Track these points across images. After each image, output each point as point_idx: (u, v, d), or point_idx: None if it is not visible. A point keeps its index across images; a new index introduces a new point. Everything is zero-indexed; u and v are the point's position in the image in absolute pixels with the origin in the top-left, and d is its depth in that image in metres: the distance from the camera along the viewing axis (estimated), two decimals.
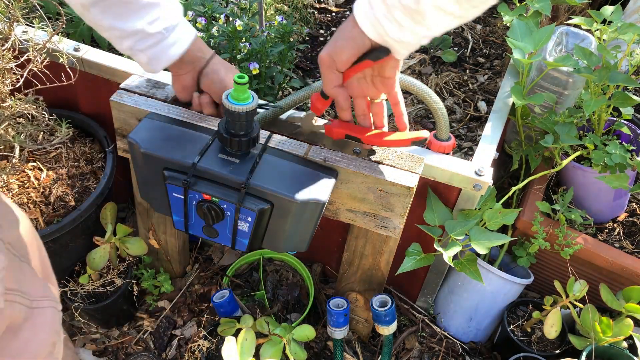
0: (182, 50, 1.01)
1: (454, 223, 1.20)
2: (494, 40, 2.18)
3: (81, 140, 1.49)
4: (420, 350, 1.49)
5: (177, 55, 1.01)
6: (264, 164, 1.00)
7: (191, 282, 1.57)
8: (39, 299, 0.68)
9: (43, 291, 0.70)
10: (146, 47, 0.98)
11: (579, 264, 1.42)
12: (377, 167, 1.06)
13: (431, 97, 1.14)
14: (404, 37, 0.83)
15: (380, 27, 0.84)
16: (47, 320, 0.69)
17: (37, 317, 0.66)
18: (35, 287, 0.67)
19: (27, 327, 0.63)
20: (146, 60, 1.00)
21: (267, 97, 1.54)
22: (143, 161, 1.03)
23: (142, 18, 0.94)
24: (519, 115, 1.43)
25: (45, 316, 0.69)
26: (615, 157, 1.31)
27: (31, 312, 0.65)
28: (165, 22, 0.97)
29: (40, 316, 0.67)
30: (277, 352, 1.25)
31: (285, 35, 1.55)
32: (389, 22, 0.83)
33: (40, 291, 0.70)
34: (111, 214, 1.37)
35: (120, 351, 1.47)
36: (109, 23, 0.93)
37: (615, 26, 1.32)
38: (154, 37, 0.97)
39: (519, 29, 1.34)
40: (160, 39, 0.98)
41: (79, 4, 0.91)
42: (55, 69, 1.34)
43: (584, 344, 1.31)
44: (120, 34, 0.95)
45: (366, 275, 1.32)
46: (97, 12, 0.92)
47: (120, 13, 0.92)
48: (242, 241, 1.04)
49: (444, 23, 0.81)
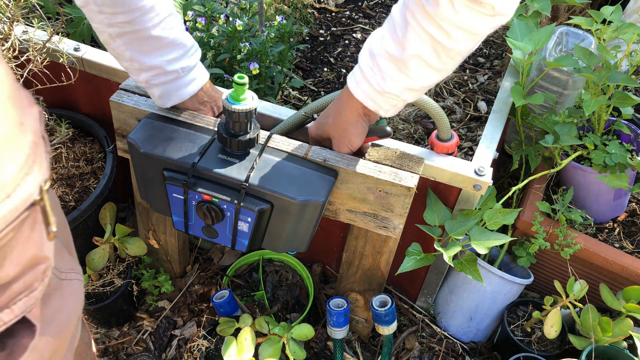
0: (193, 90, 1.07)
1: (454, 223, 1.20)
2: (494, 40, 2.18)
3: (81, 140, 1.49)
4: (420, 350, 1.49)
5: (187, 95, 1.07)
6: (263, 164, 1.00)
7: (191, 282, 1.57)
8: (67, 271, 0.71)
9: (70, 264, 0.73)
10: (161, 83, 1.03)
11: (579, 264, 1.42)
12: (377, 168, 1.06)
13: (425, 103, 1.13)
14: (386, 85, 0.91)
15: (366, 84, 0.94)
16: (74, 290, 0.71)
17: (65, 288, 0.69)
18: (64, 260, 0.70)
19: (56, 296, 0.66)
20: (158, 94, 1.06)
21: (267, 97, 1.54)
22: (143, 162, 1.03)
23: (162, 56, 1.00)
24: (519, 115, 1.43)
25: (73, 287, 0.71)
26: (615, 157, 1.31)
27: (60, 283, 0.68)
28: (183, 63, 1.03)
29: (67, 287, 0.69)
30: (276, 351, 1.25)
31: (285, 35, 1.55)
32: (373, 73, 0.92)
33: (68, 264, 0.72)
34: (110, 214, 1.37)
35: (121, 351, 1.47)
36: (131, 55, 0.98)
37: (615, 26, 1.31)
38: (170, 75, 1.03)
39: (519, 28, 1.34)
40: (175, 77, 1.04)
41: (106, 33, 0.95)
42: (55, 69, 1.34)
43: (584, 344, 1.31)
44: (139, 66, 1.00)
45: (366, 276, 1.32)
46: (121, 44, 0.96)
47: (144, 48, 0.98)
48: (242, 241, 1.04)
49: (424, 73, 0.88)
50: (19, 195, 0.49)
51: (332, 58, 2.04)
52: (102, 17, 0.93)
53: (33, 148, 0.52)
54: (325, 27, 2.20)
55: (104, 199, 1.37)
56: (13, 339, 0.57)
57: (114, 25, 0.93)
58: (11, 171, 0.49)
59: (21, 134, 0.51)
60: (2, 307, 0.54)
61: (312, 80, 1.93)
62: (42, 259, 0.57)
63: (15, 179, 0.49)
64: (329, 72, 1.97)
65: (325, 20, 2.24)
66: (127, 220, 1.69)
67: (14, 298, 0.55)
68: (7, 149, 0.48)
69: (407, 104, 0.99)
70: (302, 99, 1.85)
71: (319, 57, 2.04)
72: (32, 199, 0.51)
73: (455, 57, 0.86)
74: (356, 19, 2.26)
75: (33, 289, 0.56)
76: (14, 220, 0.50)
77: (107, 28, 0.94)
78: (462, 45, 0.83)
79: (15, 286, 0.55)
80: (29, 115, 0.53)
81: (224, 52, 1.51)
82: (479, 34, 0.81)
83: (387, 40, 0.88)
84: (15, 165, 0.49)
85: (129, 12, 0.92)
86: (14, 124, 0.50)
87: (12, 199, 0.49)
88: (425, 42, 0.84)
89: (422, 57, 0.85)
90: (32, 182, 0.51)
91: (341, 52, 2.08)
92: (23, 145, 0.51)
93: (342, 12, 2.29)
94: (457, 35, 0.81)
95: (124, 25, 0.94)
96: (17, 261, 0.54)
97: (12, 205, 0.49)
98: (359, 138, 1.04)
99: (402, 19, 0.85)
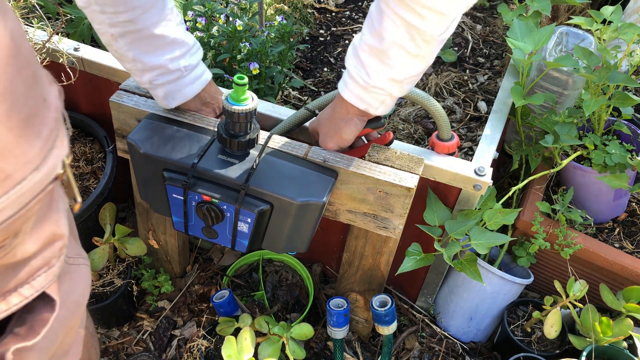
0: (197, 89, 1.08)
1: (454, 223, 1.20)
2: (494, 40, 2.18)
3: (81, 140, 1.49)
4: (420, 350, 1.49)
5: (191, 94, 1.07)
6: (263, 164, 1.00)
7: (191, 282, 1.57)
8: (74, 256, 0.73)
9: (77, 250, 0.75)
10: (165, 82, 1.03)
11: (579, 264, 1.42)
12: (377, 168, 1.06)
13: (428, 101, 1.13)
14: (371, 80, 0.93)
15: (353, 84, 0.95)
16: (82, 275, 0.73)
17: (74, 273, 0.71)
18: (71, 246, 0.72)
19: (67, 280, 0.67)
20: (162, 95, 1.05)
21: (267, 97, 1.54)
22: (142, 162, 1.03)
23: (165, 54, 1.00)
24: (519, 115, 1.43)
25: (81, 272, 0.73)
26: (615, 157, 1.30)
27: (69, 268, 0.69)
28: (186, 61, 1.03)
29: (76, 272, 0.71)
30: (275, 350, 1.25)
31: (285, 35, 1.55)
32: (358, 70, 0.94)
33: (75, 249, 0.74)
34: (110, 215, 1.37)
35: (121, 351, 1.47)
36: (134, 55, 0.98)
37: (615, 26, 1.31)
38: (174, 74, 1.03)
39: (519, 29, 1.34)
40: (179, 76, 1.04)
41: (108, 33, 0.95)
42: (55, 69, 1.34)
43: (584, 344, 1.31)
44: (142, 66, 1.00)
45: (366, 276, 1.32)
46: (124, 44, 0.97)
47: (146, 47, 0.98)
48: (242, 242, 1.04)
49: (404, 61, 0.90)
50: (44, 168, 0.51)
51: (332, 58, 2.04)
52: (104, 17, 0.93)
53: (55, 123, 0.53)
54: (325, 27, 2.20)
55: (104, 199, 1.37)
56: (32, 314, 0.60)
57: (116, 25, 0.94)
58: (38, 145, 0.50)
59: (45, 109, 0.52)
60: (23, 283, 0.56)
61: (312, 80, 1.93)
62: (59, 236, 0.59)
63: (41, 152, 0.51)
64: (329, 72, 1.97)
65: (325, 20, 2.24)
66: (127, 220, 1.69)
67: (34, 274, 0.57)
68: (34, 123, 0.50)
69: (397, 99, 1.00)
70: (302, 99, 1.84)
71: (319, 57, 2.04)
72: (56, 172, 0.53)
73: (430, 41, 0.87)
74: (356, 19, 2.25)
75: (51, 265, 0.58)
76: (40, 192, 0.51)
77: (109, 28, 0.94)
78: (436, 27, 0.85)
79: (35, 262, 0.57)
80: (51, 91, 0.55)
81: (224, 52, 1.51)
82: (448, 14, 0.83)
83: (366, 35, 0.91)
84: (41, 139, 0.51)
85: (130, 11, 0.92)
86: (39, 99, 0.52)
87: (39, 171, 0.50)
88: (400, 28, 0.86)
89: (399, 44, 0.87)
90: (56, 156, 0.53)
91: (341, 52, 2.08)
92: (47, 119, 0.52)
93: (342, 12, 2.29)
94: (429, 17, 0.83)
95: (126, 25, 0.94)
96: (37, 237, 0.55)
97: (39, 177, 0.50)
98: (351, 135, 1.04)
99: (377, 10, 0.88)
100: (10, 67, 0.47)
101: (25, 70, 0.49)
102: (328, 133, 1.05)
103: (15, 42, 0.48)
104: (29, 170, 0.49)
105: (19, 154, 0.48)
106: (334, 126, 1.04)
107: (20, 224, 0.51)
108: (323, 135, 1.07)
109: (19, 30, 0.50)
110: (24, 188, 0.49)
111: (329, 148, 1.07)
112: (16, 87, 0.48)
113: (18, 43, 0.49)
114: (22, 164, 0.49)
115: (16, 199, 0.48)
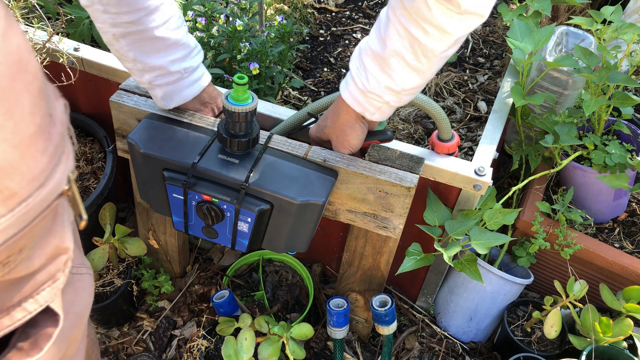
0: (196, 92, 1.08)
1: (454, 223, 1.20)
2: (494, 40, 2.18)
3: (81, 140, 1.49)
4: (420, 350, 1.49)
5: (190, 96, 1.08)
6: (263, 164, 1.00)
7: (191, 282, 1.57)
8: (77, 266, 0.72)
9: (80, 259, 0.75)
10: (164, 84, 1.04)
11: (579, 264, 1.42)
12: (377, 168, 1.06)
13: (428, 104, 1.13)
14: (369, 85, 0.93)
15: (353, 85, 0.96)
16: (86, 285, 0.73)
17: (77, 282, 0.70)
18: (75, 255, 0.71)
19: (70, 290, 0.67)
20: (161, 95, 1.06)
21: (267, 97, 1.54)
22: (142, 162, 1.03)
23: (166, 56, 1.00)
24: (519, 115, 1.43)
25: (84, 282, 0.73)
26: (615, 157, 1.30)
27: (72, 277, 0.69)
28: (186, 64, 1.03)
29: (79, 282, 0.71)
30: (275, 350, 1.25)
31: (285, 35, 1.55)
32: (359, 73, 0.94)
33: (78, 259, 0.74)
34: (110, 215, 1.37)
35: (121, 352, 1.47)
36: (134, 56, 0.98)
37: (615, 26, 1.31)
38: (173, 76, 1.03)
39: (519, 28, 1.34)
40: (179, 78, 1.04)
41: (110, 33, 0.95)
42: (55, 69, 1.34)
43: (584, 344, 1.31)
44: (142, 67, 1.00)
45: (366, 276, 1.32)
46: (125, 44, 0.97)
47: (147, 48, 0.98)
48: (242, 242, 1.04)
49: (403, 73, 0.90)
50: (50, 184, 0.51)
51: (332, 58, 2.04)
52: (107, 17, 0.93)
53: (61, 139, 0.53)
54: (325, 27, 2.20)
55: (104, 199, 1.37)
56: (36, 329, 0.59)
57: (118, 25, 0.93)
58: (44, 161, 0.50)
59: (51, 125, 0.52)
60: (27, 297, 0.56)
61: (312, 80, 1.93)
62: (64, 250, 0.59)
63: (46, 168, 0.50)
64: (329, 72, 1.97)
65: (325, 20, 2.24)
66: (127, 220, 1.69)
67: (38, 288, 0.56)
68: (39, 140, 0.50)
69: (396, 107, 1.00)
70: (302, 99, 1.84)
71: (319, 57, 2.04)
72: (61, 188, 0.53)
73: (431, 58, 0.88)
74: (356, 19, 2.25)
75: (56, 279, 0.58)
76: (45, 208, 0.51)
77: (111, 28, 0.94)
78: (437, 44, 0.85)
79: (39, 276, 0.56)
80: (57, 107, 0.55)
81: (224, 52, 1.51)
82: (452, 33, 0.83)
83: (372, 38, 0.91)
84: (47, 156, 0.50)
85: (133, 12, 0.92)
86: (45, 115, 0.51)
87: (44, 188, 0.50)
88: (403, 39, 0.86)
89: (401, 55, 0.88)
90: (61, 172, 0.52)
91: (341, 52, 2.08)
92: (53, 136, 0.52)
93: (342, 12, 2.29)
94: (432, 33, 0.83)
95: (128, 26, 0.94)
96: (41, 252, 0.55)
97: (45, 194, 0.50)
98: (358, 140, 1.05)
99: (385, 17, 0.88)
100: (17, 83, 0.47)
101: (32, 86, 0.49)
102: (337, 140, 1.06)
103: (22, 58, 0.48)
104: (34, 188, 0.49)
105: (25, 172, 0.48)
106: (340, 133, 1.05)
107: (25, 241, 0.51)
108: (334, 143, 1.08)
109: (25, 45, 0.49)
110: (29, 205, 0.48)
111: (344, 153, 1.08)
112: (23, 104, 0.47)
113: (25, 59, 0.48)
114: (28, 182, 0.48)
115: (21, 216, 0.48)
